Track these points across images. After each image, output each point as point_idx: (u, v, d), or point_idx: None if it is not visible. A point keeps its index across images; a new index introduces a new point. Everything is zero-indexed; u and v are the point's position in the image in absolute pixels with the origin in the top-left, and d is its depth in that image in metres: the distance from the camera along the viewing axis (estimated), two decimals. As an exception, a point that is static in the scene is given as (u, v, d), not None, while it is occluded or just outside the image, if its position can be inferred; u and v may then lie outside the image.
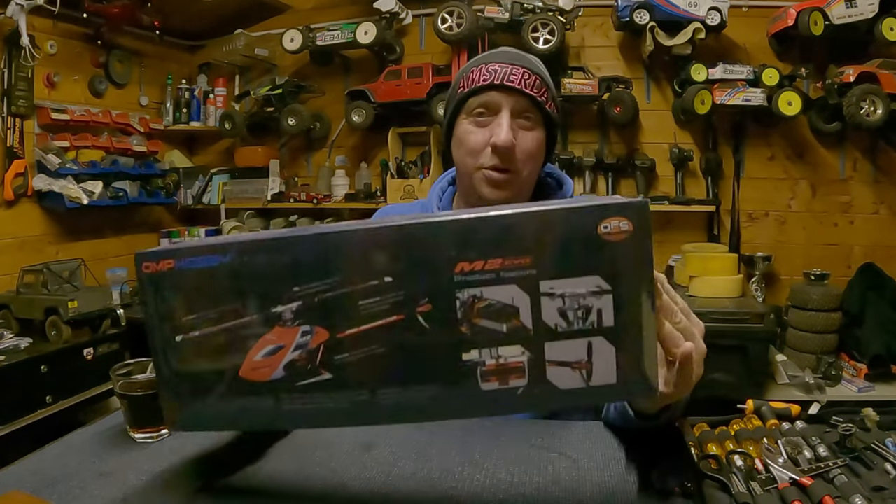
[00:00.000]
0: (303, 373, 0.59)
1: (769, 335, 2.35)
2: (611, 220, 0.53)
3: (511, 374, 0.56)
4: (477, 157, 0.99)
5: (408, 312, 0.56)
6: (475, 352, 0.56)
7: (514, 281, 0.55)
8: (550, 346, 0.56)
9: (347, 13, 3.14)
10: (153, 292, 0.61)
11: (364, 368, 0.58)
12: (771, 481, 0.78)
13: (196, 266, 0.59)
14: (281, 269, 0.58)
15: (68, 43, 2.84)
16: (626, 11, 2.65)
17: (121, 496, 0.68)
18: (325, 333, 0.58)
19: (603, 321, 0.55)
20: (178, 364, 0.62)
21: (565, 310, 0.55)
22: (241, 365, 0.60)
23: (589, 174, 2.92)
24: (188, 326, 0.60)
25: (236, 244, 0.59)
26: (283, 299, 0.58)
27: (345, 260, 0.57)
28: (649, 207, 0.54)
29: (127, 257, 3.19)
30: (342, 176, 3.22)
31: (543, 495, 0.68)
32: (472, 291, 0.55)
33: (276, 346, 0.59)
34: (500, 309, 0.55)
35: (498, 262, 0.54)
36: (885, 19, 2.44)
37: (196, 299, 0.60)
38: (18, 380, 2.16)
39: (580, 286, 0.54)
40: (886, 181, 2.77)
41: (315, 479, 0.71)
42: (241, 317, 0.59)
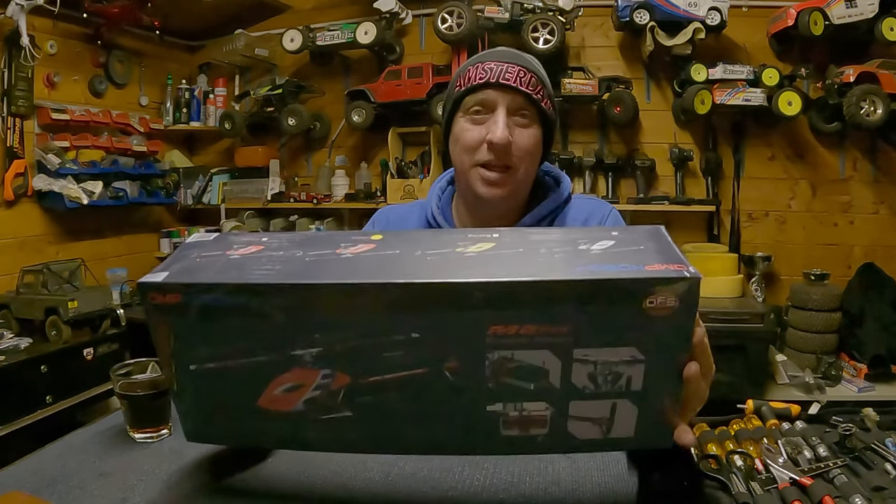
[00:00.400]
0: (323, 409, 0.57)
1: (769, 335, 2.36)
2: (658, 297, 0.50)
3: (533, 424, 0.57)
4: (473, 154, 0.99)
5: (434, 367, 0.55)
6: (499, 405, 0.56)
7: (548, 346, 0.53)
8: (575, 404, 0.55)
9: (347, 13, 3.14)
10: (161, 324, 0.57)
11: (386, 410, 0.57)
12: (771, 481, 0.78)
13: (205, 303, 0.55)
14: (299, 316, 0.54)
15: (68, 43, 2.84)
16: (626, 11, 2.65)
17: (121, 496, 0.68)
18: (346, 378, 0.56)
19: (632, 386, 0.54)
20: (193, 389, 0.60)
21: (596, 375, 0.54)
22: (260, 396, 0.58)
23: (589, 174, 2.92)
24: (201, 358, 0.57)
25: (249, 287, 0.54)
26: (303, 344, 0.55)
27: (370, 312, 0.53)
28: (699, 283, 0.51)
29: (127, 257, 3.19)
30: (342, 176, 3.22)
31: (543, 495, 0.68)
32: (504, 353, 0.53)
33: (295, 384, 0.57)
34: (531, 371, 0.54)
35: (533, 328, 0.52)
36: (885, 19, 2.44)
37: (206, 335, 0.56)
38: (18, 380, 2.16)
39: (614, 355, 0.53)
40: (886, 181, 2.77)
41: (315, 479, 0.71)
42: (257, 356, 0.56)
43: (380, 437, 0.59)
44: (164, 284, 0.55)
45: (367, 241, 0.59)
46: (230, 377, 0.58)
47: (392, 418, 0.58)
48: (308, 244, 0.60)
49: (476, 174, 1.00)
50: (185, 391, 0.60)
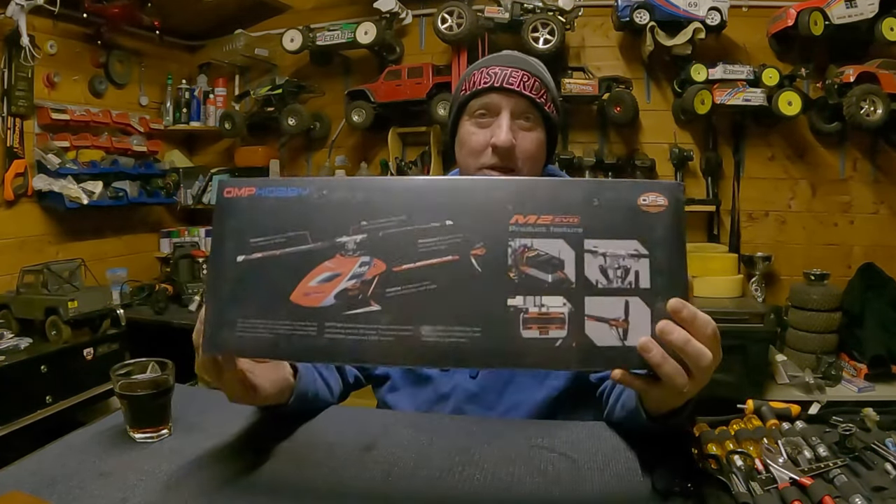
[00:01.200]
0: (353, 302, 0.62)
1: (769, 335, 2.36)
2: (649, 195, 0.62)
3: (552, 323, 0.60)
4: (478, 157, 1.01)
5: (463, 254, 0.61)
6: (520, 298, 0.61)
7: (562, 236, 0.61)
8: (591, 300, 0.60)
9: (347, 13, 3.14)
10: (228, 215, 0.65)
11: (413, 303, 0.61)
12: (771, 481, 0.78)
13: (275, 195, 0.64)
14: (353, 204, 0.63)
15: (68, 43, 2.84)
16: (626, 11, 2.65)
17: (121, 496, 0.68)
18: (382, 265, 0.62)
19: (640, 282, 0.61)
20: (231, 284, 0.64)
21: (606, 268, 0.61)
22: (294, 289, 0.63)
23: (589, 174, 2.92)
24: (253, 248, 0.64)
25: (317, 181, 0.65)
26: (349, 231, 0.63)
27: (413, 201, 0.63)
28: (683, 189, 0.64)
29: (127, 257, 3.19)
30: (342, 176, 3.22)
31: (543, 495, 0.68)
32: (524, 241, 0.61)
33: (333, 273, 0.62)
34: (547, 260, 0.61)
35: (549, 217, 0.61)
36: (885, 19, 2.44)
37: (267, 223, 0.64)
38: (18, 380, 2.15)
39: (620, 248, 0.61)
40: (886, 181, 2.77)
41: (315, 479, 0.71)
42: (307, 243, 0.63)
43: (401, 338, 0.61)
44: (244, 179, 0.66)
45: None
46: (273, 268, 0.64)
47: (416, 313, 0.61)
48: None
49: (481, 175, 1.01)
50: (222, 288, 0.64)
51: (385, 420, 0.90)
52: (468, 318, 0.61)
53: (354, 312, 0.62)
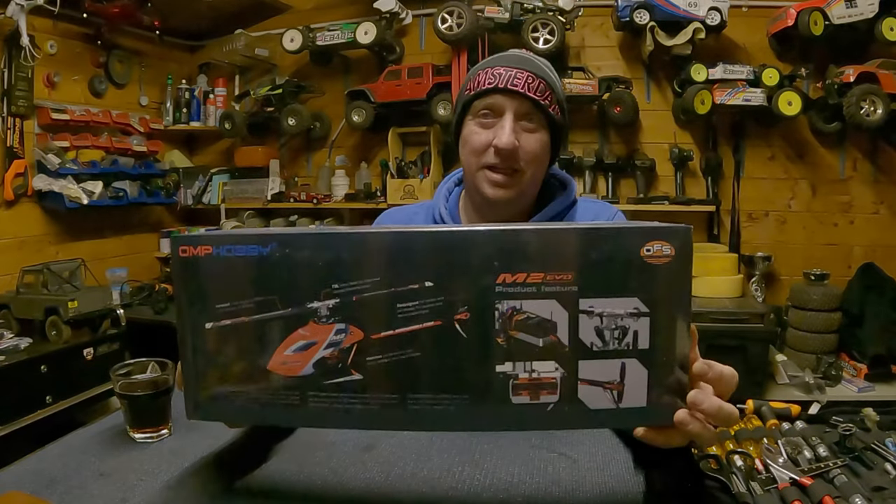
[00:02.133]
0: (333, 371, 0.59)
1: (769, 335, 2.35)
2: (654, 244, 0.55)
3: (543, 389, 0.57)
4: (481, 156, 1.01)
5: (446, 319, 0.56)
6: (509, 364, 0.57)
7: (555, 296, 0.55)
8: (584, 364, 0.56)
9: (347, 13, 3.14)
10: (187, 276, 0.60)
11: (396, 372, 0.58)
12: (771, 481, 0.78)
13: (235, 254, 0.59)
14: (321, 265, 0.58)
15: (68, 43, 2.84)
16: (626, 11, 2.65)
17: (121, 496, 0.68)
18: (359, 333, 0.58)
19: (638, 343, 0.56)
20: (204, 352, 0.61)
21: (602, 329, 0.56)
22: (271, 358, 0.59)
23: (589, 174, 2.92)
24: (220, 314, 0.60)
25: (278, 236, 0.59)
26: (321, 296, 0.58)
27: (387, 261, 0.57)
28: (692, 234, 0.55)
29: (127, 257, 3.19)
30: (342, 176, 3.22)
31: (543, 495, 0.68)
32: (512, 303, 0.56)
33: (308, 341, 0.59)
34: (539, 323, 0.56)
35: (540, 276, 0.55)
36: (885, 19, 2.44)
37: (231, 287, 0.59)
38: (18, 380, 2.16)
39: (619, 307, 0.55)
40: (886, 181, 2.77)
41: (315, 479, 0.71)
42: (276, 309, 0.59)
43: (386, 406, 0.59)
44: (198, 236, 0.60)
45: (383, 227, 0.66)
46: (245, 335, 0.60)
47: (400, 382, 0.58)
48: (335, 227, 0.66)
49: (483, 176, 1.01)
50: (196, 356, 0.61)
51: (385, 420, 0.89)
52: (455, 387, 0.58)
53: (336, 381, 0.59)
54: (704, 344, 2.48)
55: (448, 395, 0.58)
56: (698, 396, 0.56)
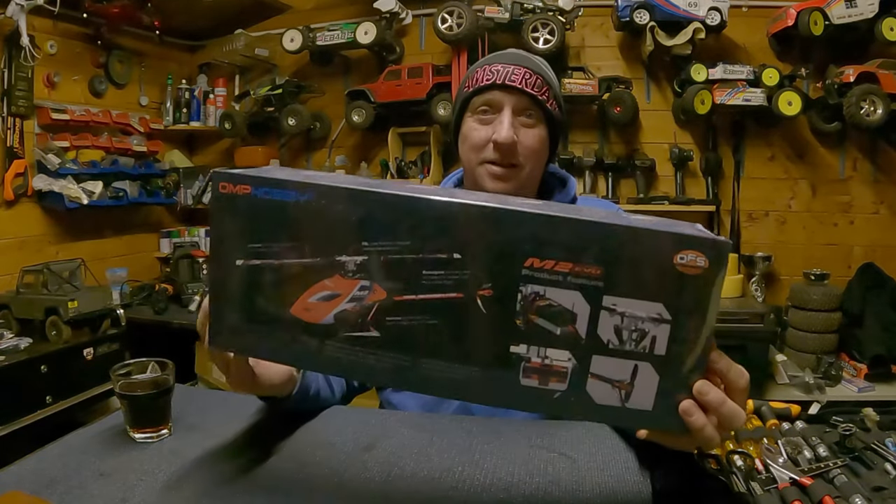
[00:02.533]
0: (352, 325, 0.59)
1: (769, 335, 2.36)
2: (689, 253, 0.53)
3: (553, 376, 0.57)
4: (480, 152, 1.02)
5: (468, 293, 0.56)
6: (524, 346, 0.57)
7: (579, 288, 0.55)
8: (598, 359, 0.56)
9: (347, 13, 3.14)
10: (224, 213, 0.60)
11: (412, 335, 0.58)
12: (771, 481, 0.78)
13: (272, 197, 0.58)
14: (355, 221, 0.57)
15: (68, 43, 2.84)
16: (626, 11, 2.65)
17: (121, 496, 0.68)
18: (382, 293, 0.58)
19: (655, 348, 0.55)
20: (232, 287, 0.61)
21: (621, 328, 0.55)
22: (295, 302, 0.60)
23: (589, 174, 2.92)
24: (251, 253, 0.60)
25: (317, 186, 0.58)
26: (350, 251, 0.58)
27: (420, 227, 0.56)
28: (729, 249, 0.54)
29: (127, 257, 3.19)
30: (343, 176, 3.21)
31: (543, 495, 0.68)
32: (536, 288, 0.55)
33: (332, 292, 0.59)
34: (559, 312, 0.55)
35: (568, 265, 0.54)
36: (885, 19, 2.44)
37: (264, 229, 0.59)
38: (18, 380, 2.15)
39: (642, 309, 0.54)
40: (886, 181, 2.77)
41: (315, 479, 0.71)
42: (304, 257, 0.59)
43: (399, 366, 0.59)
44: (237, 175, 0.59)
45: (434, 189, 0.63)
46: (272, 277, 0.60)
47: (415, 345, 0.58)
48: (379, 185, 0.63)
49: (483, 170, 1.02)
50: (223, 290, 0.62)
51: (385, 420, 0.90)
52: (468, 358, 0.58)
53: (353, 335, 0.59)
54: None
55: (460, 365, 0.58)
56: (704, 386, 0.56)
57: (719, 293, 0.54)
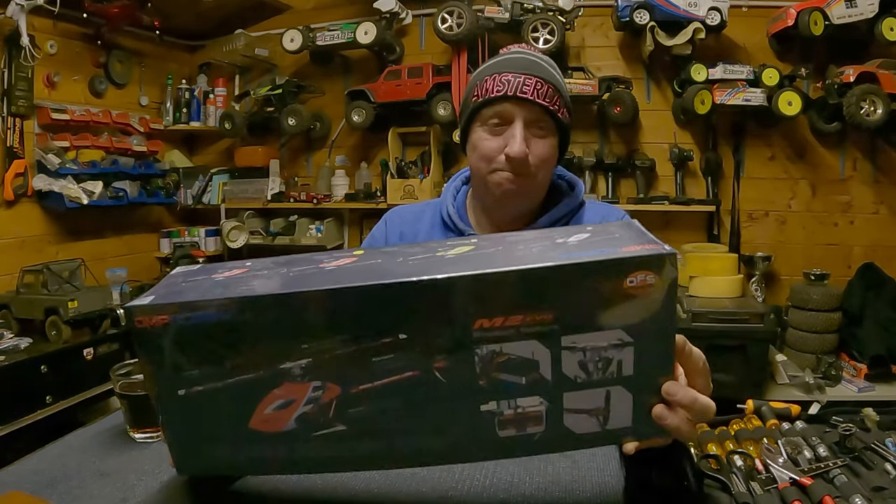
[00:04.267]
0: (316, 425, 0.57)
1: (769, 335, 2.35)
2: (638, 275, 0.52)
3: (529, 422, 0.56)
4: (490, 162, 1.01)
5: (424, 368, 0.54)
6: (493, 403, 0.56)
7: (535, 336, 0.53)
8: (569, 395, 0.55)
9: (347, 13, 3.14)
10: (149, 348, 0.56)
11: (380, 420, 0.57)
12: (771, 481, 0.78)
13: (193, 322, 0.55)
14: (287, 327, 0.55)
15: (68, 43, 2.84)
16: (626, 11, 2.65)
17: (121, 496, 0.68)
18: (336, 389, 0.56)
19: (623, 371, 0.55)
20: (183, 415, 0.59)
21: (586, 362, 0.54)
22: (251, 416, 0.57)
23: (589, 174, 2.92)
24: (190, 381, 0.57)
25: (236, 301, 0.54)
26: (292, 356, 0.55)
27: (356, 318, 0.54)
28: (678, 258, 0.53)
29: (127, 257, 3.19)
30: (342, 176, 3.22)
31: (543, 495, 0.68)
32: (492, 347, 0.53)
33: (286, 400, 0.56)
34: (520, 363, 0.54)
35: (518, 318, 0.52)
36: (885, 19, 2.44)
37: (195, 355, 0.56)
38: (18, 380, 2.15)
39: (602, 339, 0.53)
40: (886, 181, 2.77)
41: (315, 479, 0.71)
42: (247, 373, 0.56)
43: (375, 450, 0.58)
44: (151, 306, 0.55)
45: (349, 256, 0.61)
46: (220, 399, 0.57)
47: (386, 429, 0.57)
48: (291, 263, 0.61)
49: (493, 179, 1.01)
50: (175, 420, 0.59)
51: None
52: (441, 428, 0.57)
53: (321, 434, 0.57)
54: (704, 343, 2.44)
55: (435, 436, 0.57)
56: (672, 387, 0.56)
57: (675, 300, 0.53)
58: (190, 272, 0.63)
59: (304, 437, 0.58)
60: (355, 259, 0.60)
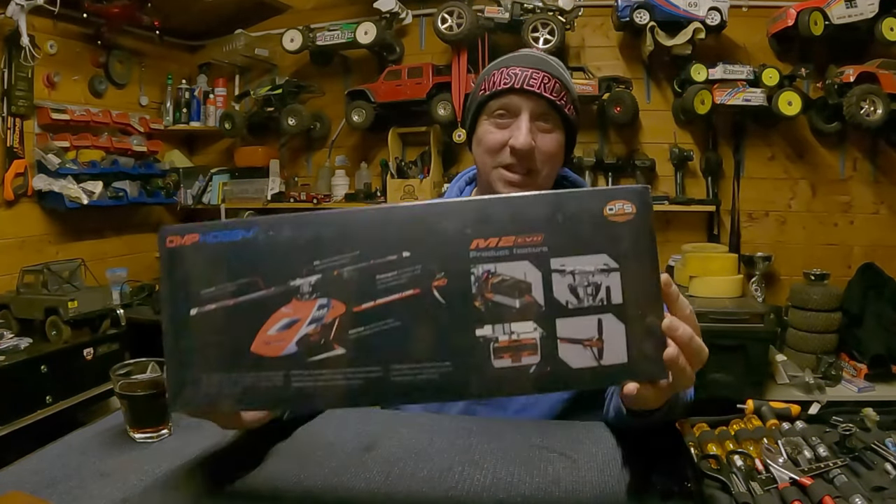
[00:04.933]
0: (316, 348, 0.59)
1: (769, 335, 2.35)
2: (615, 203, 0.58)
3: (524, 350, 0.58)
4: (496, 156, 1.01)
5: (424, 286, 0.58)
6: (488, 327, 0.58)
7: (527, 257, 0.58)
8: (562, 322, 0.58)
9: (347, 13, 3.14)
10: (173, 266, 0.61)
11: (378, 343, 0.59)
12: (771, 481, 0.78)
13: (220, 240, 0.61)
14: (302, 243, 0.60)
15: (68, 43, 2.84)
16: (626, 11, 2.65)
17: (121, 496, 0.68)
18: (341, 307, 0.59)
19: (612, 298, 0.58)
20: (189, 339, 0.61)
21: (576, 286, 0.58)
22: (254, 339, 0.60)
23: (589, 174, 2.92)
24: (205, 299, 0.61)
25: (261, 220, 0.61)
26: (303, 272, 0.59)
27: (364, 235, 0.59)
28: (650, 192, 0.59)
29: (127, 257, 3.19)
30: (342, 176, 3.22)
31: (543, 495, 0.68)
32: (487, 267, 0.58)
33: (291, 319, 0.60)
34: (513, 284, 0.58)
35: (511, 239, 0.58)
36: (885, 19, 2.44)
37: (216, 272, 0.61)
38: (18, 380, 2.16)
39: (589, 264, 0.58)
40: (886, 181, 2.77)
41: (315, 479, 0.71)
42: (260, 289, 0.60)
43: (371, 379, 0.59)
44: (182, 226, 0.62)
45: None
46: (228, 319, 0.61)
47: (383, 353, 0.59)
48: None
49: (498, 175, 1.01)
50: (180, 345, 0.61)
51: (385, 420, 0.90)
52: (437, 353, 0.58)
53: (319, 358, 0.59)
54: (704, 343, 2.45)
55: (430, 363, 0.59)
56: (673, 323, 0.59)
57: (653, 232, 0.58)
58: None
59: (302, 362, 0.60)
60: None
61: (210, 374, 0.61)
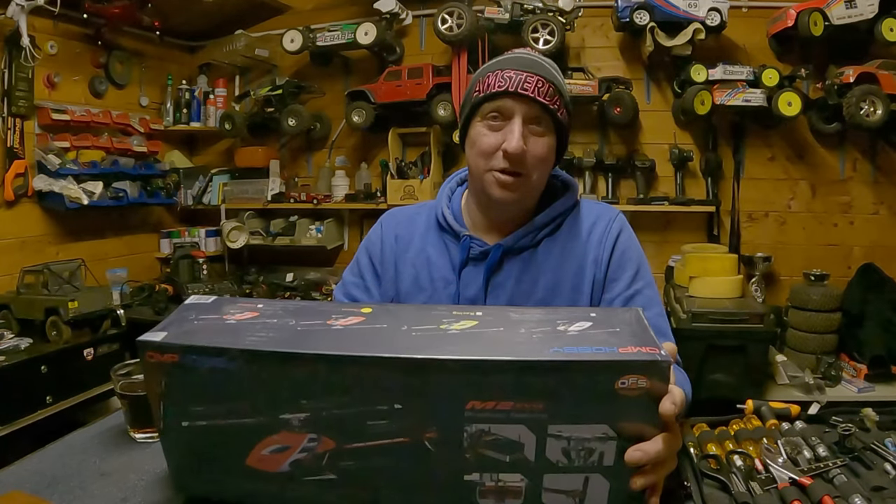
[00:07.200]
0: (308, 471, 0.60)
1: (769, 335, 2.35)
2: (629, 378, 0.54)
3: (508, 494, 0.59)
4: (489, 159, 1.01)
5: (414, 436, 0.57)
6: (476, 474, 0.58)
7: (524, 422, 0.55)
8: (549, 477, 0.58)
9: (347, 14, 3.14)
10: (157, 379, 0.60)
11: (368, 475, 0.60)
12: (771, 481, 0.78)
13: (199, 365, 0.58)
14: (289, 383, 0.57)
15: (68, 43, 2.84)
16: (625, 12, 2.65)
17: (121, 496, 0.68)
18: (331, 443, 0.59)
19: (604, 462, 0.57)
20: (184, 444, 0.63)
21: (569, 450, 0.57)
22: (249, 454, 0.61)
23: (589, 175, 2.92)
24: (194, 415, 0.61)
25: (246, 353, 0.58)
26: (291, 409, 0.58)
27: (356, 385, 0.56)
28: (670, 367, 0.55)
29: (127, 258, 3.19)
30: (342, 176, 3.22)
31: (543, 495, 0.68)
32: (481, 426, 0.56)
33: (282, 446, 0.60)
34: (507, 444, 0.57)
35: (510, 404, 0.55)
36: (885, 20, 2.44)
37: (201, 393, 0.60)
38: (18, 380, 2.16)
39: (587, 432, 0.56)
40: (886, 181, 2.77)
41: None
42: (248, 417, 0.59)
43: (361, 499, 0.61)
44: (162, 344, 0.59)
45: (357, 314, 0.64)
46: (220, 435, 0.61)
47: (373, 483, 0.60)
48: (301, 314, 0.64)
49: (490, 177, 1.02)
50: (176, 445, 0.63)
51: None
52: (424, 489, 0.60)
53: (313, 479, 0.60)
54: (704, 344, 2.42)
55: (418, 494, 0.60)
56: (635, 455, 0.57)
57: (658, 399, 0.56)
58: (203, 307, 0.67)
59: (296, 479, 0.61)
60: (363, 319, 0.63)
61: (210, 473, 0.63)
